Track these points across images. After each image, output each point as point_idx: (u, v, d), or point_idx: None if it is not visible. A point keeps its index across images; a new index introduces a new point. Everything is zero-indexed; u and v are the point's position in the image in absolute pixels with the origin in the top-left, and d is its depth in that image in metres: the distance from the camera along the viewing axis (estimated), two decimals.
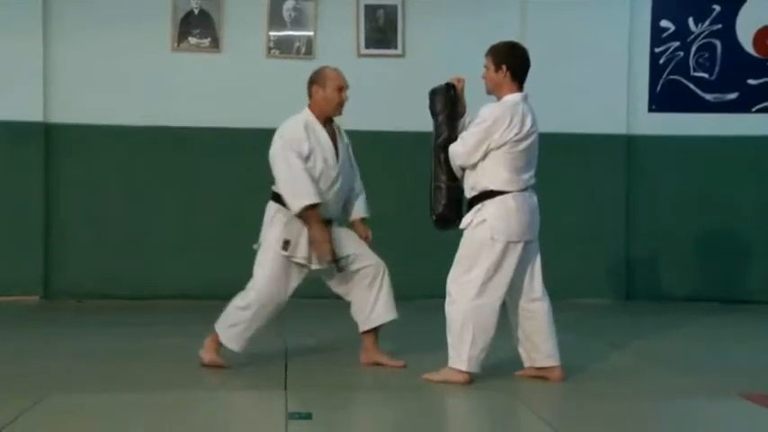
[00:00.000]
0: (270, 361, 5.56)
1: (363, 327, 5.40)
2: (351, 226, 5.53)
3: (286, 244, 5.21)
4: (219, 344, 5.34)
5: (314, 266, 5.29)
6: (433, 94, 5.21)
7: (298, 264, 5.26)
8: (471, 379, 4.98)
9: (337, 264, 5.27)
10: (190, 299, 7.99)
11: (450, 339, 5.00)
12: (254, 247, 5.34)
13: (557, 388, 5.02)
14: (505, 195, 4.95)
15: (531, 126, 4.98)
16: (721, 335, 7.09)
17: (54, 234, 8.16)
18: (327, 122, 5.38)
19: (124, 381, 5.05)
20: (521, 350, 5.16)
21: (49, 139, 8.13)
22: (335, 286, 5.45)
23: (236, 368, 5.37)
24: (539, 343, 5.09)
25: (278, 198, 5.29)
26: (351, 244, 5.38)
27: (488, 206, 4.96)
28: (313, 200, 5.14)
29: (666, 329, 7.03)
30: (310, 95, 5.39)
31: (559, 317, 5.20)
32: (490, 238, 4.92)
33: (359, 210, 5.55)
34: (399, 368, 5.37)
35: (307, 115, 5.34)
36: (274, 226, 5.27)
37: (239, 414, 4.50)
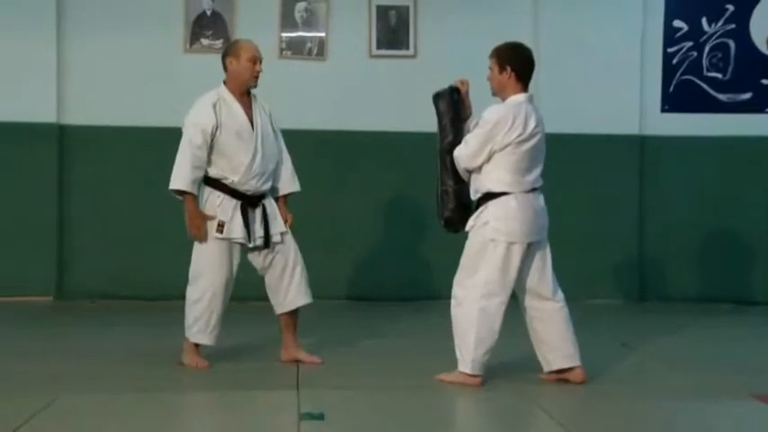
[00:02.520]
0: (282, 361, 5.57)
1: (278, 310, 5.48)
2: (277, 202, 5.51)
3: (220, 227, 5.26)
4: (197, 346, 5.39)
5: (251, 244, 5.34)
6: (437, 97, 5.19)
7: (236, 243, 5.31)
8: (483, 382, 4.97)
9: (266, 240, 5.34)
10: None
11: (456, 342, 5.00)
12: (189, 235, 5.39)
13: (569, 389, 5.01)
14: (508, 196, 4.94)
15: (535, 127, 4.96)
16: (734, 336, 7.05)
17: (67, 234, 8.18)
18: (244, 95, 5.40)
19: (137, 381, 5.06)
20: (538, 354, 5.13)
21: (62, 139, 8.16)
22: (257, 265, 5.47)
23: (248, 368, 5.39)
24: (555, 344, 5.07)
25: (209, 181, 5.34)
26: (278, 225, 5.41)
27: (490, 208, 4.96)
28: (180, 186, 5.26)
29: (678, 330, 7.01)
30: (225, 68, 5.42)
31: (571, 317, 5.19)
32: (492, 240, 4.92)
33: (285, 185, 5.54)
34: (317, 364, 5.42)
35: (220, 91, 5.39)
36: (207, 210, 5.31)
37: (252, 414, 4.50)
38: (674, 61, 8.61)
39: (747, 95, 8.64)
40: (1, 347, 6.00)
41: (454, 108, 5.15)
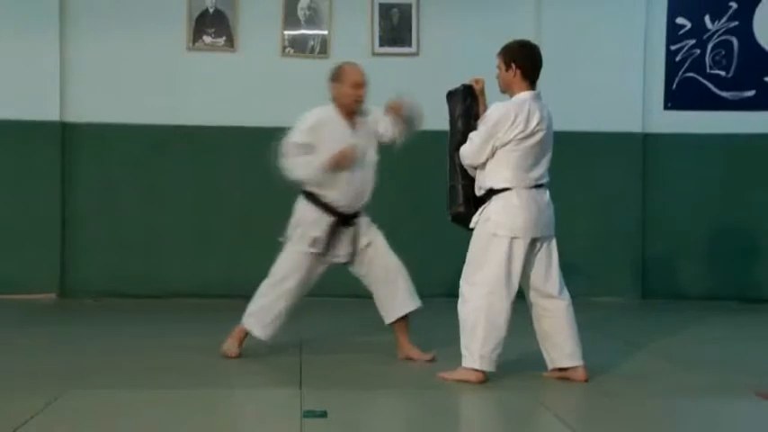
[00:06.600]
0: (285, 359, 5.57)
1: (387, 319, 5.58)
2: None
3: (314, 241, 5.36)
4: (244, 336, 5.49)
5: (338, 260, 5.47)
6: (450, 95, 5.22)
7: (324, 257, 5.41)
8: (485, 378, 4.97)
9: (352, 256, 5.44)
10: (206, 297, 8.01)
11: (462, 338, 5.00)
12: (281, 239, 5.49)
13: (573, 387, 5.01)
14: (509, 192, 4.95)
15: (538, 124, 4.96)
16: (738, 334, 7.05)
17: (70, 232, 8.19)
18: (351, 115, 5.46)
19: (140, 378, 5.07)
20: (543, 351, 5.15)
21: (65, 137, 8.16)
22: (362, 278, 5.58)
23: (251, 366, 5.39)
24: (558, 342, 5.07)
25: (307, 195, 5.42)
26: (369, 238, 5.50)
27: (492, 204, 4.98)
28: (306, 175, 5.37)
29: (683, 328, 7.01)
30: (331, 92, 5.48)
31: (576, 316, 5.18)
32: (494, 235, 4.94)
33: None
34: (429, 361, 5.48)
35: (328, 109, 5.47)
36: (303, 223, 5.41)
37: (254, 412, 4.51)
38: (677, 59, 8.60)
39: (750, 93, 8.63)
40: (5, 345, 6.02)
41: (465, 106, 5.16)
